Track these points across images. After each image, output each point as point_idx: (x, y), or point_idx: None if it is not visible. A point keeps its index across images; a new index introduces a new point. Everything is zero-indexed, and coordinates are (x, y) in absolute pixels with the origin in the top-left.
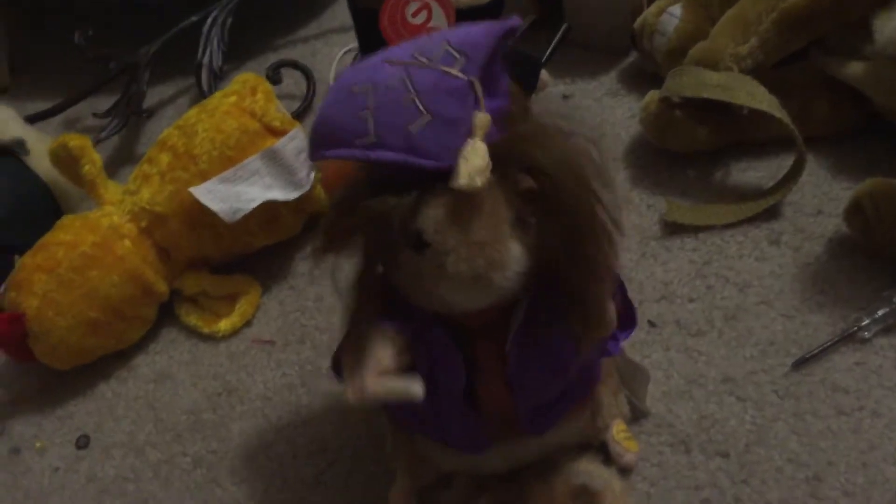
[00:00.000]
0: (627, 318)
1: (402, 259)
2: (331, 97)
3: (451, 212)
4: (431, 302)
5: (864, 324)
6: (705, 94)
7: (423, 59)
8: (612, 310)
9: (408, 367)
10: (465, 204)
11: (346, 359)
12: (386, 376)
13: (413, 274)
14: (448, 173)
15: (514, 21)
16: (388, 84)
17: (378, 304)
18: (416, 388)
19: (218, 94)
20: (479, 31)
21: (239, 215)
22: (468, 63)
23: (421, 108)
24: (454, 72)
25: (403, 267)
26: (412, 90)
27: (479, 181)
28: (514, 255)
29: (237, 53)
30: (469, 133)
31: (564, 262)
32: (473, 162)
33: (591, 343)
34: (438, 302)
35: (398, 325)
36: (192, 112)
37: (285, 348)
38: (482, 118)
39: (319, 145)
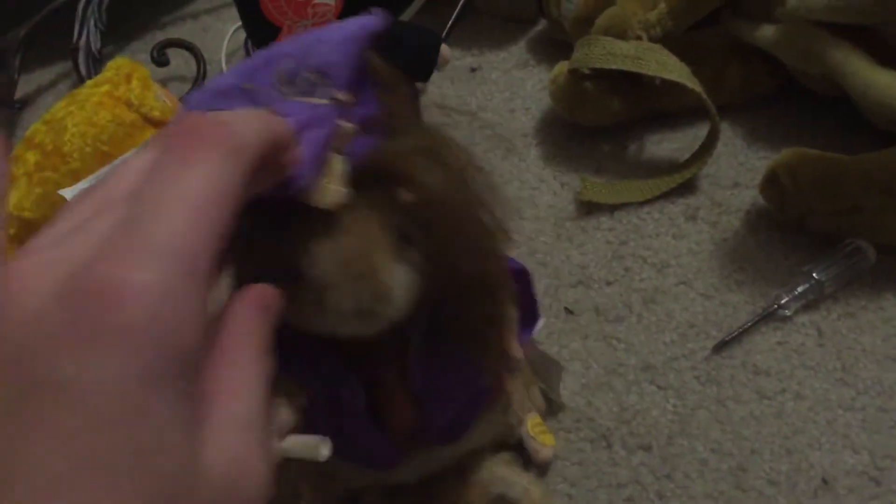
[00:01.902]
0: (530, 314)
1: (277, 287)
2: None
3: (323, 241)
4: (315, 330)
5: (783, 301)
6: (614, 66)
7: (285, 90)
8: (513, 344)
9: (305, 404)
10: (339, 232)
11: None
12: (290, 437)
13: (290, 307)
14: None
15: (378, 21)
16: None
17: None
18: (323, 450)
19: (89, 83)
20: (340, 48)
21: None
22: (331, 83)
23: None
24: (317, 100)
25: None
26: None
27: (335, 198)
28: (399, 282)
29: (119, 33)
30: (328, 148)
31: (455, 275)
32: (329, 178)
33: (494, 371)
34: (323, 329)
35: (283, 357)
36: (61, 104)
37: None
38: (344, 127)
39: None
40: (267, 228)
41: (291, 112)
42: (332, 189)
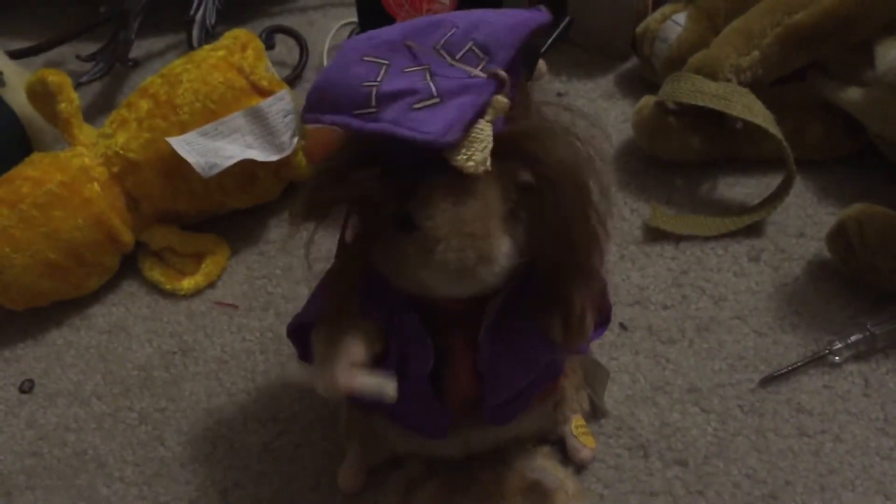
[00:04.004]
0: (603, 318)
1: (386, 239)
2: (338, 61)
3: (446, 198)
4: (411, 285)
5: (835, 348)
6: (701, 102)
7: (446, 55)
8: (591, 321)
9: (380, 353)
10: (462, 193)
11: (318, 346)
12: (359, 371)
13: (396, 256)
14: (443, 161)
15: (543, 16)
16: (404, 68)
17: (354, 283)
18: (389, 389)
19: (207, 47)
20: (507, 30)
21: (215, 171)
22: (491, 63)
23: (434, 92)
24: (476, 72)
25: (387, 247)
26: (429, 84)
27: (480, 165)
28: (503, 251)
29: (232, 14)
30: (477, 115)
31: (551, 260)
32: (478, 144)
33: (567, 348)
34: (418, 286)
35: (371, 309)
36: (179, 62)
37: (248, 314)
38: (500, 101)
39: (316, 107)
40: (395, 178)
41: (450, 76)
42: (477, 155)
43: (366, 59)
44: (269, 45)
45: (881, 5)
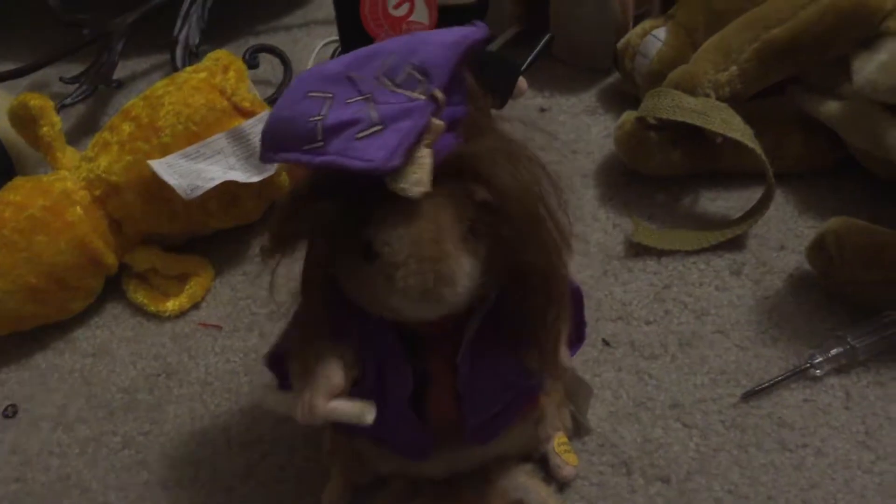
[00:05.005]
0: (577, 335)
1: (350, 266)
2: (286, 99)
3: (400, 224)
4: (383, 311)
5: (816, 361)
6: (680, 118)
7: (388, 81)
8: (565, 349)
9: (358, 377)
10: (415, 216)
11: (296, 374)
12: (337, 399)
13: (362, 282)
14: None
15: (481, 32)
16: (347, 99)
17: (324, 313)
18: (367, 415)
19: (189, 69)
20: (443, 50)
21: (197, 193)
22: (431, 84)
23: (376, 120)
24: (416, 94)
25: (355, 276)
26: (370, 112)
27: (417, 188)
28: (465, 270)
29: (216, 34)
30: (419, 138)
31: (515, 280)
32: (415, 167)
33: (545, 374)
34: (389, 312)
35: (348, 333)
36: (161, 84)
37: (232, 334)
38: (435, 124)
39: (269, 146)
40: (349, 208)
41: (392, 101)
42: (416, 178)
43: (310, 94)
44: (254, 65)
45: (858, 20)
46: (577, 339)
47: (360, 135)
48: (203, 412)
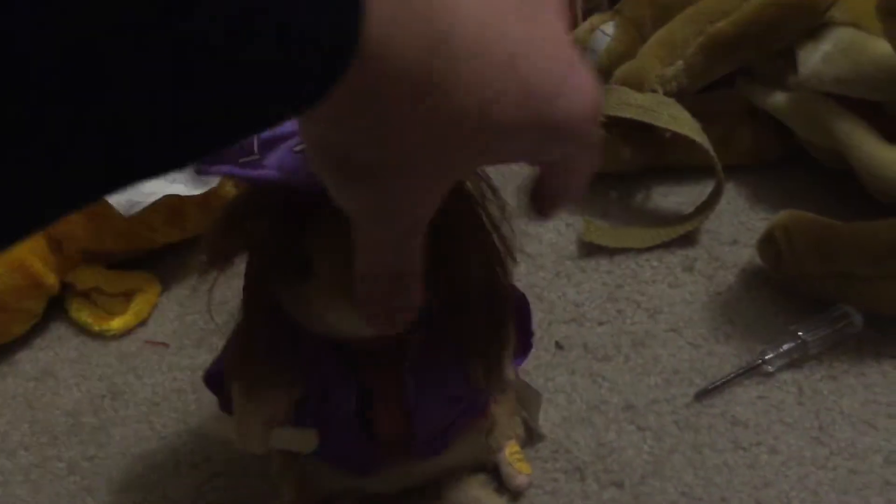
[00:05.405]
0: (523, 346)
1: (288, 282)
2: None
3: (339, 239)
4: (322, 328)
5: (768, 357)
6: (627, 114)
7: None
8: (509, 364)
9: (301, 396)
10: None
11: (236, 401)
12: (279, 428)
13: (302, 300)
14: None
15: None
16: None
17: (263, 330)
18: (309, 441)
19: None
20: None
21: (136, 209)
22: None
23: None
24: None
25: (290, 290)
26: None
27: None
28: None
29: None
30: None
31: (456, 289)
32: None
33: (486, 388)
34: (326, 326)
35: (289, 348)
36: None
37: (179, 352)
38: None
39: (204, 160)
40: (287, 223)
41: None
42: None
43: None
44: None
45: (802, 11)
46: (522, 351)
47: (298, 148)
48: (150, 434)
